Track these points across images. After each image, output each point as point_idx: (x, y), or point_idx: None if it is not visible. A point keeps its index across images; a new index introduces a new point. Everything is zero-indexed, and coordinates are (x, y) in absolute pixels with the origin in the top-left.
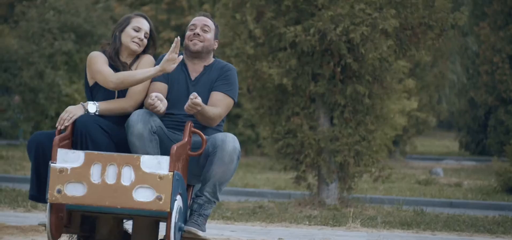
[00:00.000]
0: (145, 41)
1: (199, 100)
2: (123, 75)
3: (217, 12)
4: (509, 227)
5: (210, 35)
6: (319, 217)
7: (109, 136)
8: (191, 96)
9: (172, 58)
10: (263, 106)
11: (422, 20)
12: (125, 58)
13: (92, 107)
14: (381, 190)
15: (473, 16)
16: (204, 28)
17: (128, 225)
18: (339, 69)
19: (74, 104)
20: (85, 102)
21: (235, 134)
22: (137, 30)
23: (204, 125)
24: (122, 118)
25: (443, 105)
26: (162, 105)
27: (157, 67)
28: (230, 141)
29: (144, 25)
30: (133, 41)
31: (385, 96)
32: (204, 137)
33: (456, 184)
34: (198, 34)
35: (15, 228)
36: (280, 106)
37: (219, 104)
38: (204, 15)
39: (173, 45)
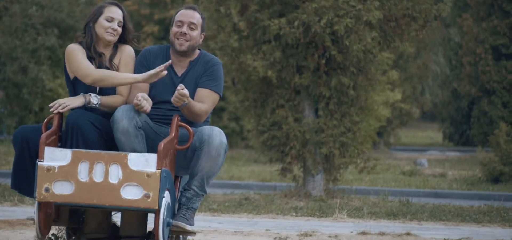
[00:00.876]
0: (120, 29)
1: (186, 91)
2: (105, 74)
3: (200, 5)
4: (494, 216)
5: (196, 32)
6: (305, 208)
7: (100, 132)
8: (178, 87)
9: (157, 74)
10: (248, 99)
11: (406, 12)
12: (101, 48)
13: (95, 99)
14: (366, 181)
15: (456, 8)
16: (190, 26)
17: (117, 217)
18: (323, 61)
19: (58, 98)
20: (68, 96)
21: (220, 128)
22: (110, 20)
23: (189, 120)
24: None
25: (426, 96)
26: (148, 104)
27: (139, 76)
28: (216, 136)
29: (117, 14)
30: (107, 32)
31: (370, 88)
32: (191, 130)
33: (440, 174)
34: (185, 34)
35: (3, 222)
36: (265, 98)
37: (205, 100)
38: (191, 8)
39: (163, 66)
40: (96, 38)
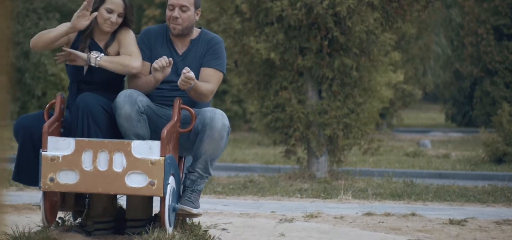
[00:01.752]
0: (119, 20)
1: (192, 74)
2: (39, 33)
3: None
4: (499, 196)
5: (189, 13)
6: (310, 190)
7: (109, 116)
8: (183, 71)
9: (83, 15)
10: (251, 81)
11: None
12: (98, 35)
13: (95, 53)
14: (370, 163)
15: None
16: (182, 8)
17: (123, 200)
18: (326, 43)
19: (60, 83)
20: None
21: (222, 110)
22: (109, 11)
23: (195, 101)
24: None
25: (428, 78)
26: (164, 74)
27: (68, 23)
28: (218, 119)
29: (118, 5)
30: (105, 23)
31: (373, 69)
32: (194, 113)
33: (444, 155)
34: (176, 18)
35: (9, 207)
36: (268, 80)
37: (210, 80)
38: None
39: (85, 3)
40: (95, 25)
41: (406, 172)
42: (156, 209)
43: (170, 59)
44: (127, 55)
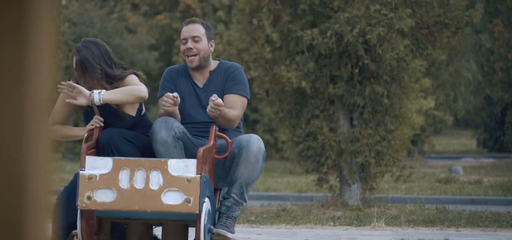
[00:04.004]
0: (88, 78)
1: (220, 100)
2: (59, 132)
3: (233, 18)
4: None
5: (202, 44)
6: (343, 218)
7: (135, 146)
8: (212, 98)
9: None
10: (283, 110)
11: (438, 19)
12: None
13: (96, 96)
14: (402, 190)
15: (486, 13)
16: (194, 39)
17: (158, 231)
18: (357, 70)
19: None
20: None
21: None
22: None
23: (224, 128)
24: (147, 129)
25: (459, 103)
26: (173, 107)
27: (85, 129)
28: (254, 142)
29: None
30: None
31: (403, 96)
32: (229, 140)
33: (476, 181)
34: (191, 48)
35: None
36: (300, 109)
37: (235, 105)
38: (191, 22)
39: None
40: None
41: (438, 198)
42: (191, 238)
43: (175, 93)
44: (132, 86)
